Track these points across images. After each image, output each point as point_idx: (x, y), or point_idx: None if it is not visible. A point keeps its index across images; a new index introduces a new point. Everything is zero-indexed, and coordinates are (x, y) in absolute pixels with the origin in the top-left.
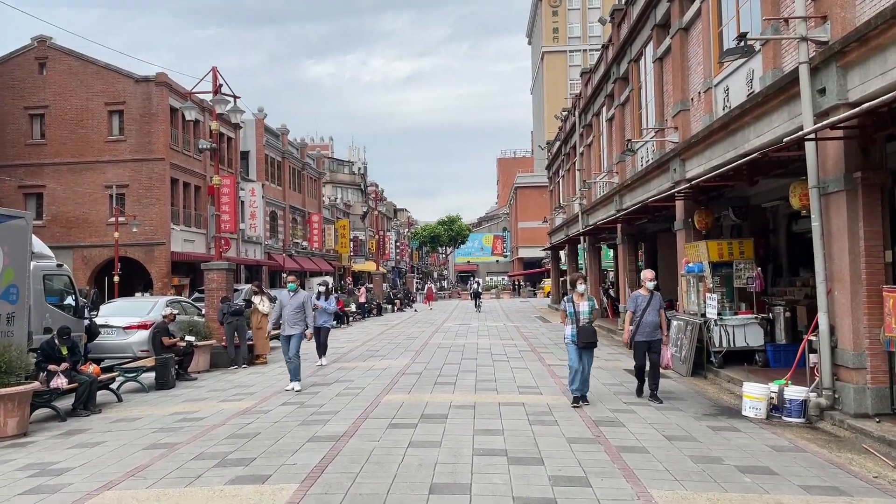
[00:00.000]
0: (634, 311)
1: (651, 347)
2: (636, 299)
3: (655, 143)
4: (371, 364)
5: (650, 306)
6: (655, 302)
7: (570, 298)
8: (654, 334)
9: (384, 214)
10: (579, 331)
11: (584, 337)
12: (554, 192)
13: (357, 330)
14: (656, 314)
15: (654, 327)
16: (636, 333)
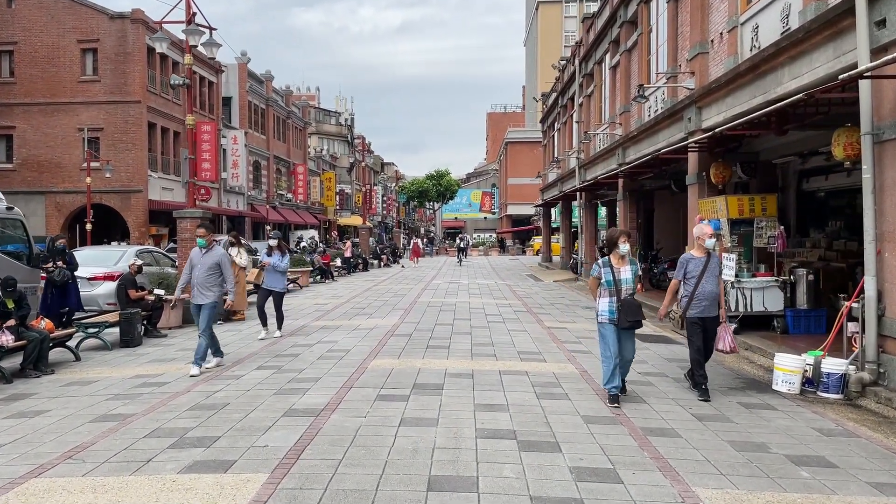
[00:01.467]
0: (685, 277)
1: (707, 326)
2: (686, 263)
3: (666, 91)
4: (357, 323)
5: (707, 271)
6: (714, 266)
7: (607, 262)
8: (711, 309)
9: (371, 168)
10: (622, 306)
11: (628, 314)
12: (548, 146)
13: (342, 285)
14: (715, 282)
15: (712, 299)
16: (689, 307)
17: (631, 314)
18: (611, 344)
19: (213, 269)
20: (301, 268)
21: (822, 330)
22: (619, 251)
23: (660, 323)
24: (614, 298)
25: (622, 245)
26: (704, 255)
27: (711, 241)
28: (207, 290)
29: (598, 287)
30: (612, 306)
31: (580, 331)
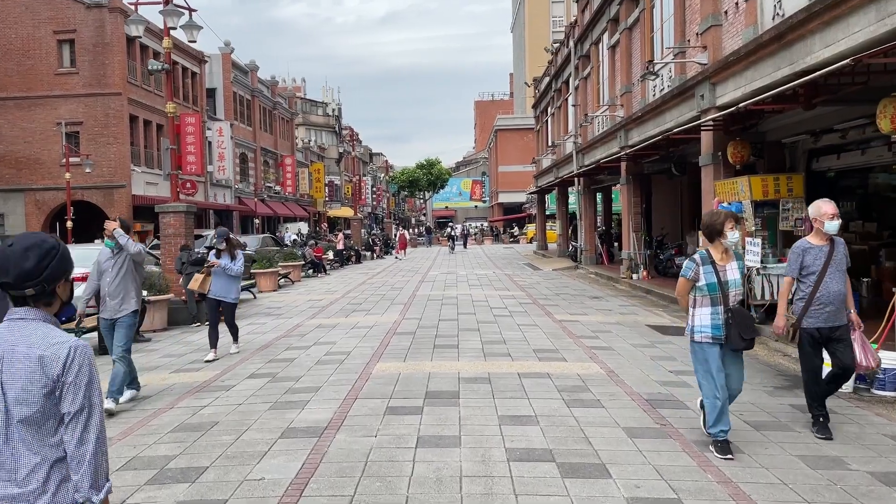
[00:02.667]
0: (802, 274)
1: (833, 338)
2: (802, 253)
3: (674, 68)
4: (355, 320)
5: (832, 264)
6: (840, 257)
7: (706, 258)
8: (838, 316)
9: (360, 158)
10: (732, 318)
11: (742, 329)
12: (541, 132)
13: (336, 279)
14: (842, 279)
15: (839, 303)
16: (806, 313)
17: (745, 329)
18: (715, 372)
19: (127, 273)
20: (292, 262)
21: None
22: (723, 242)
23: (674, 313)
24: (719, 308)
25: (730, 234)
26: (826, 242)
27: (834, 225)
28: (123, 301)
29: (690, 292)
30: (718, 319)
31: (594, 324)
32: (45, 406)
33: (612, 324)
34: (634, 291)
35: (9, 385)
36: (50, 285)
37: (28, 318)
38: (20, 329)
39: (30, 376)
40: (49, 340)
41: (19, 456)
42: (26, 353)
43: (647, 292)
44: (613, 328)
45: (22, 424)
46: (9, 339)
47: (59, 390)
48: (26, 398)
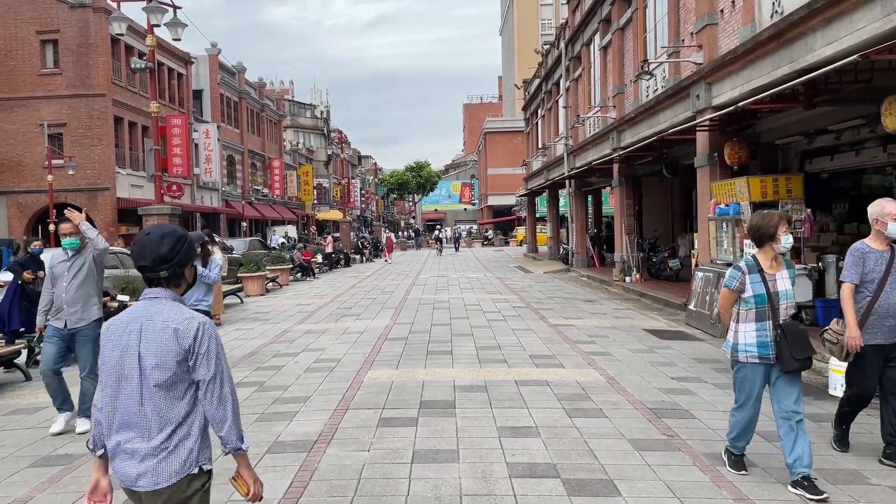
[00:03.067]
0: (862, 282)
1: (892, 357)
2: (862, 257)
3: (668, 68)
4: (345, 325)
5: (893, 272)
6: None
7: (753, 265)
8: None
9: (348, 161)
10: (784, 336)
11: (796, 348)
12: (531, 134)
13: (325, 283)
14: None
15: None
16: (863, 328)
17: (800, 348)
18: (754, 391)
19: (89, 277)
20: (280, 265)
21: None
22: (774, 247)
23: (669, 316)
24: (767, 323)
25: (783, 238)
26: (887, 247)
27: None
28: (84, 310)
29: (732, 301)
30: (766, 336)
31: (589, 328)
32: (176, 372)
33: (608, 328)
34: (628, 295)
35: (145, 354)
36: (180, 269)
37: (162, 296)
38: (155, 306)
39: (166, 346)
40: (182, 316)
41: (150, 416)
42: (163, 326)
43: (640, 295)
44: (610, 333)
45: (156, 388)
46: (146, 314)
47: (191, 360)
48: (162, 364)
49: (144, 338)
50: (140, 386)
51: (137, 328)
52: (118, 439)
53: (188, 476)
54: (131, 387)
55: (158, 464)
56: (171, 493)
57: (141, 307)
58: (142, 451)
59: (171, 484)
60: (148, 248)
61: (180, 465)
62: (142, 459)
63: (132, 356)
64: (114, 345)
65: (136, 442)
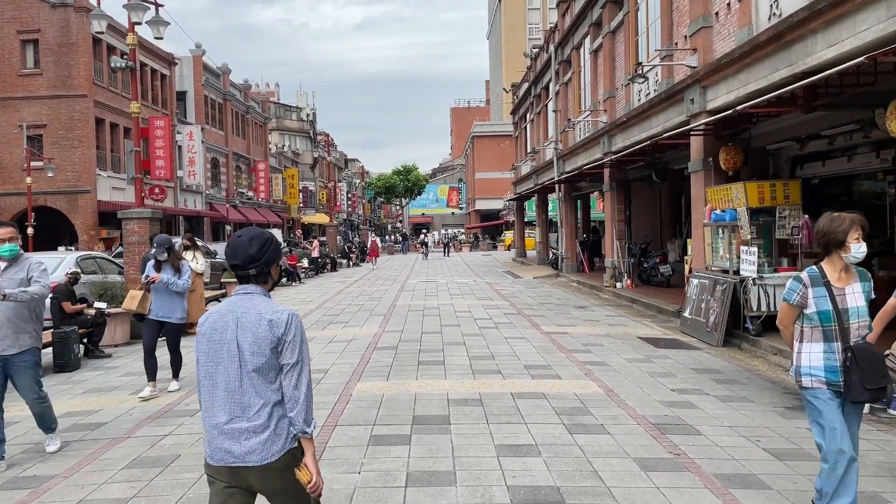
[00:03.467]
0: None
1: None
2: None
3: (660, 72)
4: (332, 333)
5: None
6: None
7: (816, 277)
8: None
9: (335, 164)
10: (854, 359)
11: (867, 376)
12: (520, 138)
13: (311, 288)
14: None
15: None
16: None
17: (873, 376)
18: (833, 425)
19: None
20: None
21: None
22: (844, 257)
23: (663, 323)
24: (835, 344)
25: (854, 246)
26: None
27: None
28: (21, 331)
29: (793, 318)
30: (833, 359)
31: (583, 336)
32: (270, 358)
33: (603, 336)
34: (619, 301)
35: (243, 342)
36: (266, 267)
37: (252, 292)
38: (248, 300)
39: (262, 335)
40: (273, 308)
41: (250, 398)
42: (258, 317)
43: (632, 301)
44: (604, 341)
45: (254, 372)
46: (241, 307)
47: (280, 346)
48: (258, 351)
49: (241, 328)
50: (239, 371)
51: (234, 320)
52: (219, 421)
53: (290, 450)
54: (230, 373)
55: (265, 441)
56: (280, 466)
57: (235, 301)
58: (246, 429)
59: (278, 458)
60: (239, 249)
61: (283, 441)
62: (248, 437)
63: (230, 345)
64: (210, 337)
65: (239, 422)
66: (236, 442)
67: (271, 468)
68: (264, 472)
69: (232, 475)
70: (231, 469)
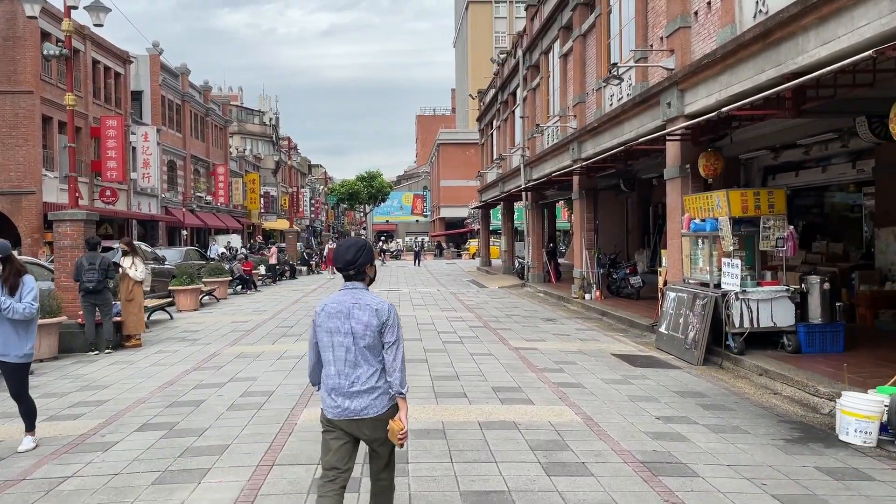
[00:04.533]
0: None
1: None
2: None
3: (634, 75)
4: (283, 348)
5: None
6: None
7: None
8: None
9: (298, 169)
10: None
11: None
12: (486, 145)
13: (267, 297)
14: None
15: None
16: None
17: None
18: None
19: None
20: (218, 277)
21: (840, 348)
22: None
23: (636, 338)
24: None
25: None
26: None
27: None
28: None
29: None
30: None
31: (554, 352)
32: (376, 338)
33: (574, 352)
34: (589, 313)
35: (356, 326)
36: (361, 268)
37: (357, 287)
38: (354, 293)
39: (370, 319)
40: (376, 299)
41: (363, 368)
42: (366, 307)
43: (602, 314)
44: (577, 358)
45: (365, 349)
46: (350, 299)
47: (383, 329)
48: (369, 333)
49: (353, 316)
50: (354, 349)
51: (347, 309)
52: (339, 386)
53: (393, 405)
54: (347, 349)
55: (375, 399)
56: (386, 417)
57: (343, 295)
58: (361, 392)
59: (385, 411)
60: (339, 255)
61: (389, 398)
62: (363, 397)
63: (346, 328)
64: (331, 321)
65: (356, 386)
66: (354, 401)
67: (380, 419)
68: (376, 422)
69: (349, 426)
70: (349, 421)
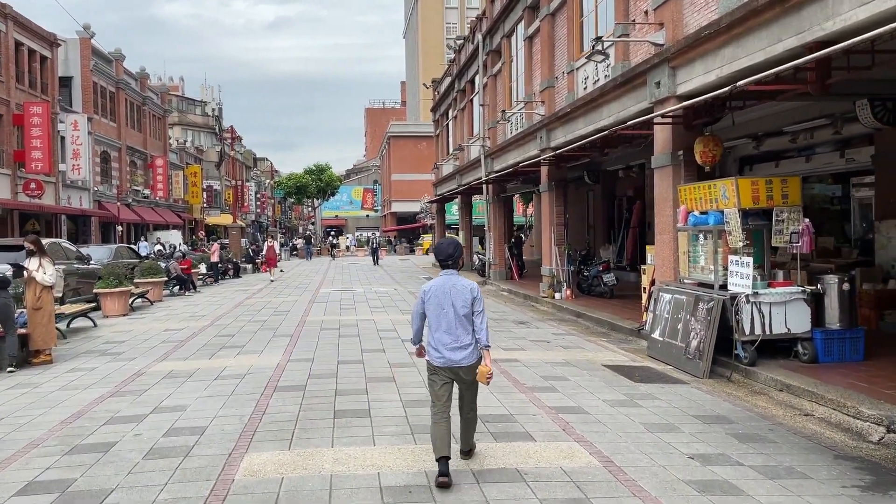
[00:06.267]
0: None
1: None
2: None
3: (614, 55)
4: (222, 364)
5: None
6: None
7: None
8: None
9: (243, 163)
10: None
11: None
12: (441, 136)
13: (207, 299)
14: None
15: None
16: None
17: None
18: None
19: None
20: (152, 278)
21: (860, 356)
22: None
23: (621, 344)
24: None
25: None
26: None
27: None
28: None
29: None
30: None
31: (538, 364)
32: (470, 308)
33: (561, 364)
34: (562, 314)
35: (456, 300)
36: (457, 260)
37: (453, 273)
38: (453, 278)
39: (466, 296)
40: (468, 282)
41: (461, 331)
42: (462, 287)
43: (577, 315)
44: (566, 372)
45: (463, 317)
46: (450, 282)
47: (473, 303)
48: (465, 305)
49: (453, 293)
50: (454, 317)
51: (448, 289)
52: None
53: (479, 357)
54: (449, 318)
55: (470, 352)
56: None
57: (445, 279)
58: (459, 346)
59: (475, 361)
60: (442, 250)
61: (478, 353)
62: (460, 350)
63: (448, 302)
64: (437, 297)
65: (455, 344)
66: (455, 353)
67: (472, 365)
68: (469, 368)
69: (451, 372)
70: (451, 369)
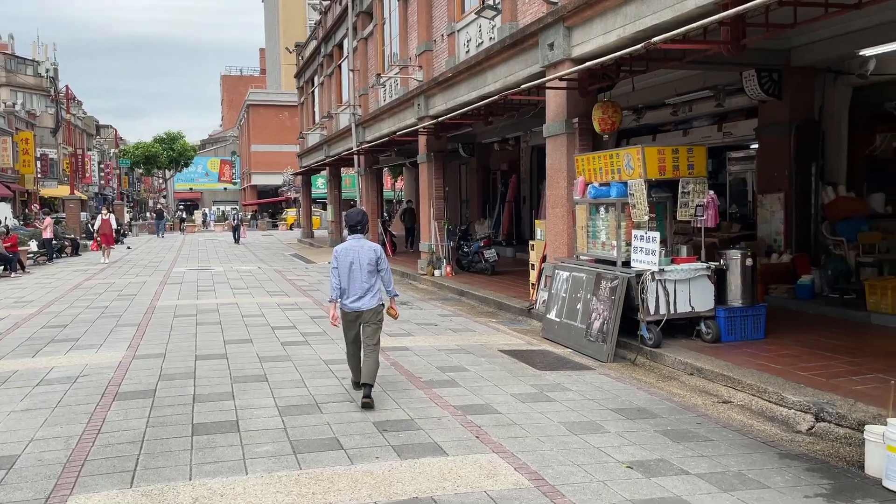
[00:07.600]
0: None
1: None
2: None
3: (501, 16)
4: (48, 363)
5: None
6: None
7: None
8: None
9: (83, 130)
10: None
11: None
12: (306, 104)
13: (36, 281)
14: None
15: None
16: None
17: None
18: None
19: None
20: None
21: (761, 334)
22: None
23: (512, 325)
24: None
25: None
26: None
27: None
28: None
29: None
30: None
31: (430, 352)
32: (374, 266)
33: (455, 350)
34: (444, 293)
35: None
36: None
37: (360, 237)
38: (360, 241)
39: (371, 255)
40: (373, 245)
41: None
42: (368, 248)
43: (460, 294)
44: (463, 360)
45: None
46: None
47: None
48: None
49: (360, 253)
50: (360, 271)
51: (357, 249)
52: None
53: (379, 305)
54: (355, 273)
55: (370, 299)
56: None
57: (354, 241)
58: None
59: (375, 305)
60: (351, 217)
61: (378, 301)
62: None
63: (357, 260)
64: (345, 256)
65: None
66: (358, 302)
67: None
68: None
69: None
70: (357, 312)
